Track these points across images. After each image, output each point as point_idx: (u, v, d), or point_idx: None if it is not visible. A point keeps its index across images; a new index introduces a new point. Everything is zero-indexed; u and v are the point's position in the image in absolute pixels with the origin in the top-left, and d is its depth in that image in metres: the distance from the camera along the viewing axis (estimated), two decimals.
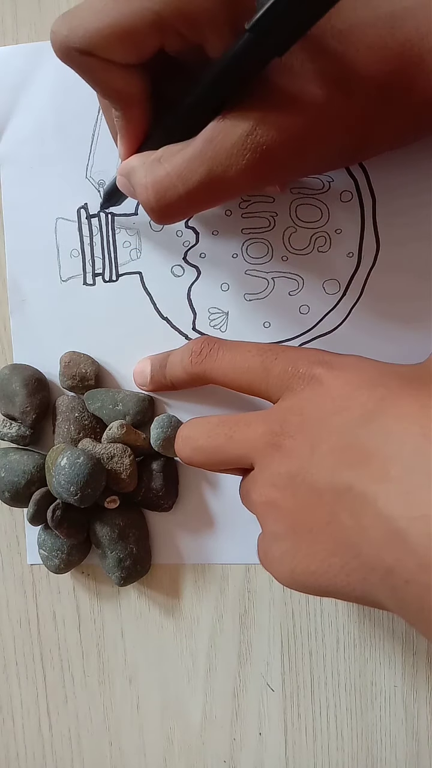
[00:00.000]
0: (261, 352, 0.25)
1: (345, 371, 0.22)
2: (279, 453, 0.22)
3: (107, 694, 0.32)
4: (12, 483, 0.29)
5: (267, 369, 0.24)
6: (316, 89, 0.21)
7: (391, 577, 0.18)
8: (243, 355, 0.25)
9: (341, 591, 0.20)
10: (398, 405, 0.20)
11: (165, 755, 0.32)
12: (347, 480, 0.19)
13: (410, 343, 0.28)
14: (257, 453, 0.23)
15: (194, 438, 0.25)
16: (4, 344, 0.31)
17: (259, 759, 0.31)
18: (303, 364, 0.23)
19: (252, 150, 0.21)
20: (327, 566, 0.20)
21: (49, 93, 0.29)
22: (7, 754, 0.34)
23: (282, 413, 0.23)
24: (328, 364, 0.23)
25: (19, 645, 0.33)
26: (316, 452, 0.21)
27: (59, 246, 0.30)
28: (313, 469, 0.21)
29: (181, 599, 0.31)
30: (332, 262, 0.28)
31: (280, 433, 0.22)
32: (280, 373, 0.24)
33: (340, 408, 0.21)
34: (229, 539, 0.30)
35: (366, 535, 0.19)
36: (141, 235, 0.30)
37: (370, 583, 0.19)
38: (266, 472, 0.22)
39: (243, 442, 0.23)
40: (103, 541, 0.29)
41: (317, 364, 0.23)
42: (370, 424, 0.20)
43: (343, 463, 0.20)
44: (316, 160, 0.23)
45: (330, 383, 0.22)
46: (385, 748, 0.30)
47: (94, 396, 0.29)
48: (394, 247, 0.28)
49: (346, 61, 0.20)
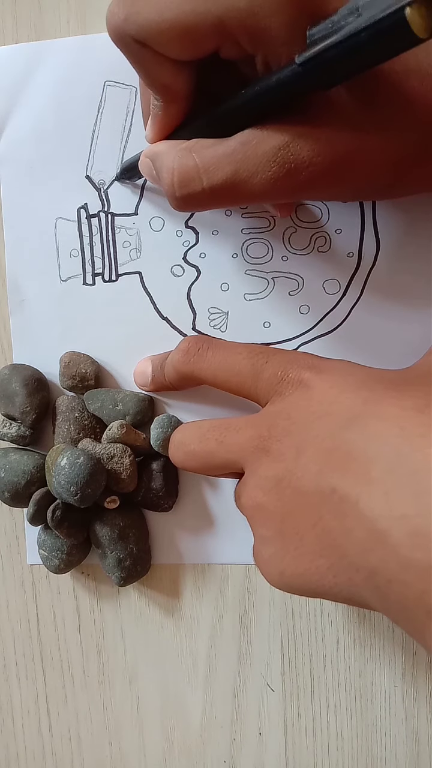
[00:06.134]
0: (251, 354, 0.25)
1: (332, 375, 0.23)
2: (267, 457, 0.22)
3: (107, 694, 0.32)
4: (12, 483, 0.29)
5: (257, 372, 0.24)
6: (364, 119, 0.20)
7: (375, 577, 0.18)
8: (233, 356, 0.25)
9: (329, 592, 0.20)
10: (380, 407, 0.20)
11: (165, 755, 0.32)
12: (331, 482, 0.20)
13: (410, 343, 0.28)
14: (246, 457, 0.23)
15: (186, 443, 0.26)
16: (4, 344, 0.31)
17: (259, 759, 0.31)
18: (292, 369, 0.23)
19: (279, 164, 0.21)
20: (314, 568, 0.20)
21: (49, 93, 0.29)
22: (7, 754, 0.34)
23: (270, 417, 0.23)
24: (317, 368, 0.23)
25: (19, 645, 0.33)
26: (301, 456, 0.21)
27: (59, 246, 0.30)
28: (299, 472, 0.21)
29: (181, 599, 0.31)
30: (332, 262, 0.28)
31: (268, 437, 0.23)
32: (270, 377, 0.24)
33: (325, 411, 0.21)
34: (229, 539, 0.30)
35: (350, 536, 0.19)
36: (141, 235, 0.30)
37: (356, 584, 0.19)
38: (255, 476, 0.23)
39: (233, 447, 0.24)
40: (103, 541, 0.29)
41: (306, 369, 0.23)
42: (353, 427, 0.20)
43: (327, 465, 0.20)
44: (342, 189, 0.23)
45: (317, 387, 0.22)
46: (385, 748, 0.30)
47: (94, 396, 0.29)
48: (394, 247, 0.28)
49: (403, 97, 0.20)
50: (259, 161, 0.21)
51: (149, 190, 0.29)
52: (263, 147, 0.21)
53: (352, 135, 0.20)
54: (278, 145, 0.21)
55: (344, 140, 0.20)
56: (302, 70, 0.18)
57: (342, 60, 0.18)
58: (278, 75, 0.19)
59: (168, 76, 0.22)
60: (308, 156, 0.20)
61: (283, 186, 0.21)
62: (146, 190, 0.29)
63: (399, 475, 0.18)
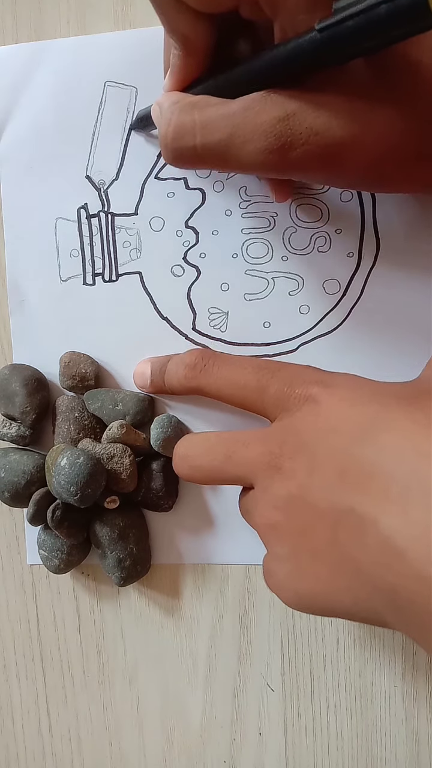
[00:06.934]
0: (256, 369, 0.25)
1: (340, 389, 0.22)
2: (279, 475, 0.22)
3: (107, 694, 0.32)
4: (12, 483, 0.29)
5: (262, 388, 0.24)
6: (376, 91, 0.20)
7: (394, 596, 0.18)
8: (238, 372, 0.25)
9: (347, 612, 0.20)
10: (391, 421, 0.20)
11: (165, 755, 0.32)
12: (347, 501, 0.20)
13: (410, 343, 0.28)
14: (257, 474, 0.23)
15: (192, 457, 0.25)
16: (4, 344, 0.31)
17: (259, 759, 0.31)
18: (299, 384, 0.23)
19: (276, 136, 0.20)
20: (331, 588, 0.20)
21: (49, 93, 0.29)
22: (7, 754, 0.34)
23: (280, 433, 0.23)
24: (324, 383, 0.23)
25: (19, 645, 0.33)
26: (315, 473, 0.21)
27: (59, 246, 0.30)
28: (313, 490, 0.21)
29: (181, 599, 0.31)
30: (332, 262, 0.28)
31: (279, 454, 0.22)
32: (276, 393, 0.24)
33: (335, 427, 0.21)
34: (229, 539, 0.30)
35: (368, 554, 0.19)
36: (141, 235, 0.30)
37: (375, 603, 0.19)
38: (267, 493, 0.23)
39: (242, 463, 0.24)
40: (103, 541, 0.29)
41: (313, 384, 0.23)
42: (365, 443, 0.20)
43: (342, 483, 0.20)
44: (335, 174, 0.22)
45: (325, 402, 0.22)
46: (385, 748, 0.30)
47: (94, 396, 0.29)
48: (394, 247, 0.28)
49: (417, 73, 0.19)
50: (256, 129, 0.21)
51: (149, 190, 0.29)
52: (263, 116, 0.20)
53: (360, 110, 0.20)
54: (279, 116, 0.20)
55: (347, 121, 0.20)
56: (320, 38, 0.18)
57: (360, 32, 0.18)
58: (296, 41, 0.19)
59: (188, 26, 0.22)
60: (306, 134, 0.20)
61: (275, 160, 0.21)
62: (146, 189, 0.29)
63: (416, 492, 0.18)
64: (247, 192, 0.29)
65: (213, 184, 0.29)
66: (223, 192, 0.29)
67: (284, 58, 0.20)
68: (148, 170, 0.29)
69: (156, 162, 0.29)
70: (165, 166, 0.29)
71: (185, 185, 0.29)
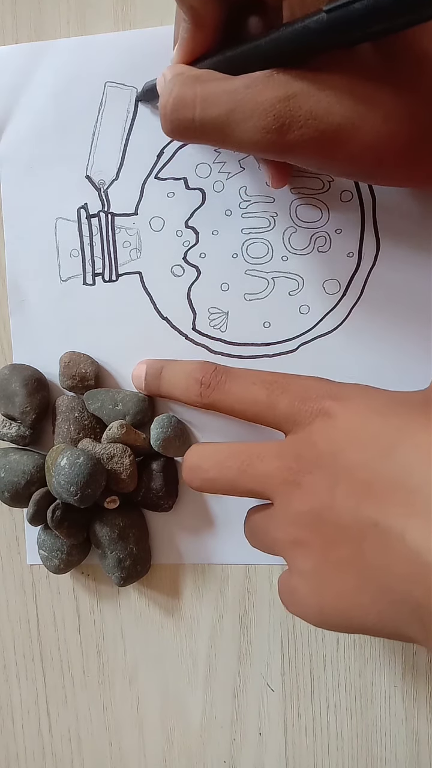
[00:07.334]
0: (266, 384, 0.24)
1: (353, 401, 0.22)
2: (299, 490, 0.22)
3: (107, 694, 0.32)
4: (12, 483, 0.29)
5: (273, 402, 0.24)
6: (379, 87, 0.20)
7: (420, 610, 0.18)
8: (248, 387, 0.25)
9: (373, 628, 0.20)
10: (409, 433, 0.20)
11: (165, 755, 0.32)
12: (372, 515, 0.19)
13: (410, 343, 0.28)
14: (275, 489, 0.23)
15: (205, 469, 0.25)
16: (3, 344, 0.31)
17: (259, 759, 0.31)
18: (310, 399, 0.23)
19: (275, 116, 0.20)
20: (356, 603, 0.20)
21: (49, 93, 0.29)
22: (7, 754, 0.34)
23: (295, 447, 0.23)
24: (336, 396, 0.23)
25: (19, 645, 0.33)
26: (336, 488, 0.21)
27: (59, 246, 0.30)
28: (336, 505, 0.21)
29: (181, 599, 0.31)
30: (332, 262, 0.28)
31: (297, 470, 0.22)
32: (288, 407, 0.23)
33: (352, 440, 0.21)
34: (229, 539, 0.30)
35: (394, 569, 0.19)
36: (141, 235, 0.30)
37: (401, 618, 0.19)
38: (288, 510, 0.22)
39: (258, 477, 0.23)
40: (103, 541, 0.29)
41: (325, 398, 0.23)
42: (385, 456, 0.20)
43: (366, 498, 0.20)
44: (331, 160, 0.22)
45: (340, 415, 0.22)
46: (385, 748, 0.30)
47: (94, 396, 0.29)
48: (394, 247, 0.28)
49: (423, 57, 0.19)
50: (256, 108, 0.21)
51: (149, 190, 0.29)
52: (265, 95, 0.20)
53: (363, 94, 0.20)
54: (280, 96, 0.20)
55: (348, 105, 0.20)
56: (327, 19, 0.18)
57: (367, 15, 0.18)
58: (303, 22, 0.19)
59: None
60: (305, 116, 0.20)
61: (271, 140, 0.21)
62: (146, 189, 0.29)
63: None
64: (247, 192, 0.29)
65: (213, 184, 0.29)
66: (223, 192, 0.29)
67: (291, 39, 0.20)
68: (148, 170, 0.29)
69: (156, 162, 0.29)
70: (165, 166, 0.29)
71: (185, 185, 0.29)
